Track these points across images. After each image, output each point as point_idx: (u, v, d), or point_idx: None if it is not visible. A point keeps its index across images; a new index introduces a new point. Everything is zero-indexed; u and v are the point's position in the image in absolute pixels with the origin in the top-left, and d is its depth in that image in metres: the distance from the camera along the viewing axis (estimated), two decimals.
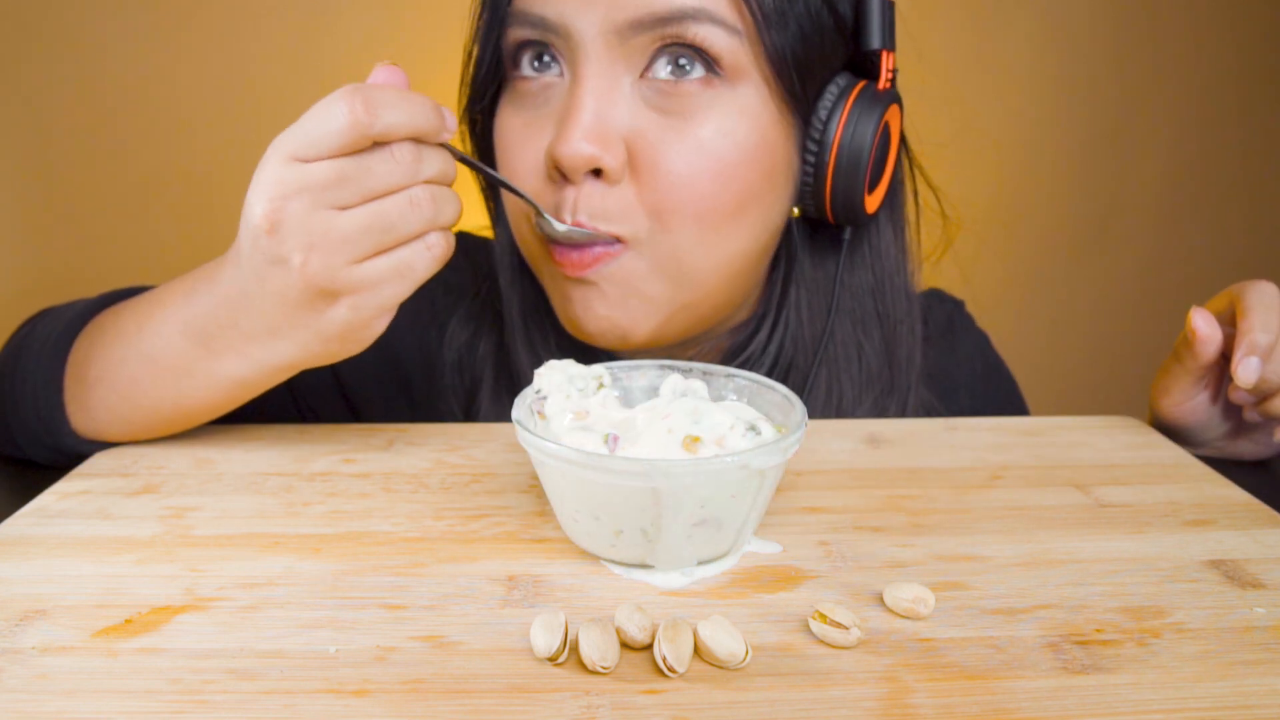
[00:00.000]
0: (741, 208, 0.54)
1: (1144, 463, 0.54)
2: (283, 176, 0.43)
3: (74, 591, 0.40)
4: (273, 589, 0.40)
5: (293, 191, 0.43)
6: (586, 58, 0.51)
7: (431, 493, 0.50)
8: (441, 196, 0.46)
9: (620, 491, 0.39)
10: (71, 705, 0.33)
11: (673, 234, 0.53)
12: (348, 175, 0.43)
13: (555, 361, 0.48)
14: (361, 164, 0.43)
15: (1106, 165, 1.67)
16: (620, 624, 0.36)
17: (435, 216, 0.45)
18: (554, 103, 0.54)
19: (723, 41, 0.50)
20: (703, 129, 0.52)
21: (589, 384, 0.47)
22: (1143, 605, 0.39)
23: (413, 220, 0.44)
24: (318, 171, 0.43)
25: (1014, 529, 0.46)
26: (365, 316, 0.46)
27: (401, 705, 0.33)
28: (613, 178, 0.52)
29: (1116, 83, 1.63)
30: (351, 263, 0.44)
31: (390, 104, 0.43)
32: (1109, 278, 1.75)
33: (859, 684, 0.34)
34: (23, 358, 0.57)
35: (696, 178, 0.52)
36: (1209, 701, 0.33)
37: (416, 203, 0.44)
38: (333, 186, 0.43)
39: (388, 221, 0.44)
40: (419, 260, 0.46)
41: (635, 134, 0.52)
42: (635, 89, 0.52)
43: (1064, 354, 1.76)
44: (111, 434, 0.55)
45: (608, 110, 0.51)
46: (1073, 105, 1.64)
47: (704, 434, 0.41)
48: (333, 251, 0.44)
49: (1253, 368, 0.53)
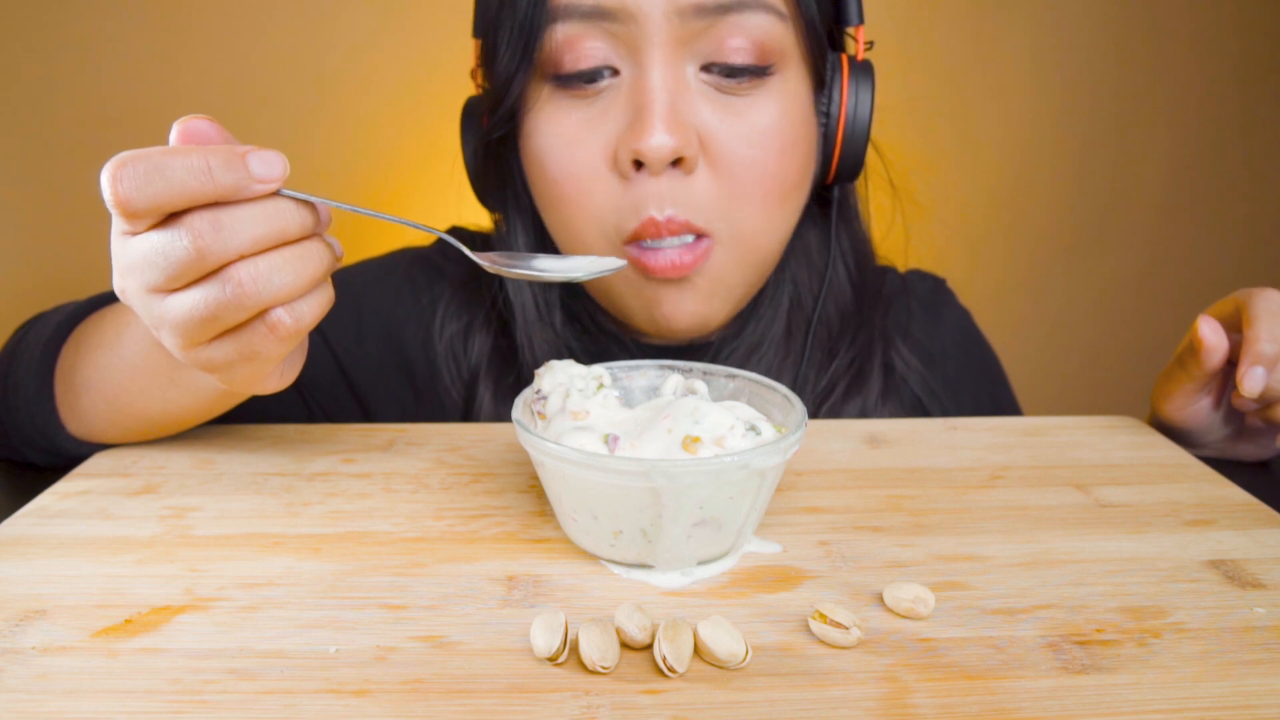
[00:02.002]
0: (797, 182, 0.58)
1: (1144, 463, 0.54)
2: (116, 251, 0.39)
3: (74, 591, 0.40)
4: (273, 589, 0.40)
5: (124, 269, 0.39)
6: (651, 43, 0.52)
7: (431, 493, 0.50)
8: (272, 267, 0.38)
9: (620, 491, 0.39)
10: (71, 705, 0.33)
11: (745, 219, 0.56)
12: (152, 255, 0.37)
13: (555, 362, 0.48)
14: (161, 241, 0.37)
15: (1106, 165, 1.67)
16: (620, 624, 0.36)
17: (260, 294, 0.37)
18: (609, 100, 0.54)
19: (776, 30, 0.53)
20: (762, 114, 0.54)
21: (589, 384, 0.47)
22: (1143, 605, 0.39)
23: (233, 307, 0.38)
24: (134, 250, 0.38)
25: (1014, 529, 0.46)
26: (233, 384, 0.43)
27: (401, 705, 0.33)
28: (691, 166, 0.53)
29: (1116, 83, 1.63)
30: (192, 346, 0.40)
31: (146, 174, 0.35)
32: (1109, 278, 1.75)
33: (859, 684, 0.34)
34: (16, 364, 0.56)
35: (764, 160, 0.54)
36: (1209, 701, 0.33)
37: (235, 283, 0.37)
38: (146, 268, 0.38)
39: (208, 311, 0.38)
40: (260, 344, 0.39)
41: (703, 123, 0.53)
42: (698, 79, 0.53)
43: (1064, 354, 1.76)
44: (105, 437, 0.55)
45: (679, 101, 0.53)
46: (1073, 105, 1.64)
47: (704, 434, 0.41)
48: (171, 332, 0.39)
49: (1258, 378, 0.52)
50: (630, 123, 0.53)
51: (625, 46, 0.53)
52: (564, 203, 0.56)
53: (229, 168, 0.36)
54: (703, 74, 0.53)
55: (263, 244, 0.38)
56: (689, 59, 0.53)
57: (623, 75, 0.54)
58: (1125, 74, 1.63)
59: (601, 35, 0.52)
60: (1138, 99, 1.65)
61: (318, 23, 1.48)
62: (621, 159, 0.53)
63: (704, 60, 0.53)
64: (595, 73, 0.53)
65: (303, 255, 0.39)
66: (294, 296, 0.39)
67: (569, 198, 0.56)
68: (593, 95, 0.54)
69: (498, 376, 0.65)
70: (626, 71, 0.53)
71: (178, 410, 0.52)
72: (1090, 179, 1.68)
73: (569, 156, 0.55)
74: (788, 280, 0.65)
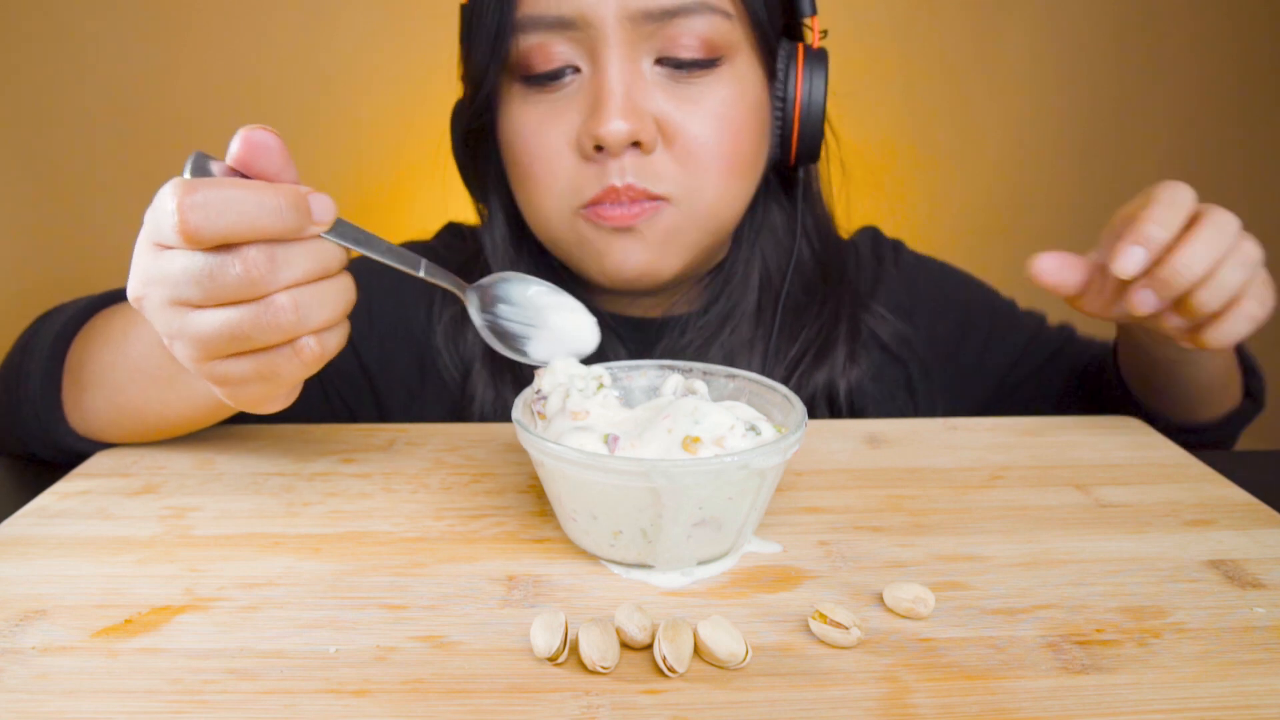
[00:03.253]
0: (752, 159, 0.63)
1: (1144, 463, 0.54)
2: (144, 261, 0.40)
3: (74, 591, 0.40)
4: (273, 589, 0.40)
5: (152, 279, 0.40)
6: (607, 44, 0.57)
7: (431, 493, 0.50)
8: (313, 299, 0.40)
9: (620, 491, 0.39)
10: (71, 705, 0.33)
11: (704, 189, 0.61)
12: (195, 275, 0.38)
13: (556, 362, 0.48)
14: (209, 265, 0.38)
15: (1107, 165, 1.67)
16: (620, 624, 0.36)
17: (300, 322, 0.40)
18: (570, 91, 0.59)
19: (722, 27, 0.58)
20: (713, 98, 0.59)
21: (589, 384, 0.47)
22: (1143, 605, 0.39)
23: (270, 330, 0.39)
24: (170, 265, 0.39)
25: (1014, 529, 0.46)
26: (239, 402, 0.44)
27: (401, 705, 0.33)
28: (649, 148, 0.58)
29: (1116, 82, 1.63)
30: (208, 360, 0.41)
31: (220, 208, 0.37)
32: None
33: (859, 684, 0.34)
34: (27, 355, 0.57)
35: (717, 140, 0.60)
36: (1209, 701, 0.33)
37: (276, 310, 0.39)
38: (182, 284, 0.39)
39: (240, 331, 0.39)
40: (284, 365, 0.41)
41: (659, 110, 0.59)
42: (653, 72, 0.58)
43: None
44: (106, 435, 0.55)
45: (635, 91, 0.58)
46: (1073, 105, 1.64)
47: (704, 434, 0.41)
48: (190, 345, 0.41)
49: (1133, 257, 0.49)
50: (591, 112, 0.58)
51: (585, 48, 0.58)
52: (531, 180, 0.62)
53: (296, 209, 0.39)
54: (657, 66, 0.58)
55: (308, 278, 0.40)
56: (644, 55, 0.58)
57: (584, 72, 0.59)
58: (1125, 73, 1.63)
59: (564, 40, 0.58)
60: (1137, 98, 1.65)
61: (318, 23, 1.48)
62: (584, 144, 0.58)
63: (657, 54, 0.58)
64: (559, 72, 0.59)
65: (338, 289, 0.42)
66: (326, 328, 0.41)
67: (536, 176, 0.61)
68: (557, 89, 0.59)
69: (492, 358, 0.68)
70: (587, 68, 0.59)
71: (173, 415, 0.53)
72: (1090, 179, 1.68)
73: (537, 142, 0.60)
74: (758, 257, 0.70)
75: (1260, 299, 0.52)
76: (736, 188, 0.62)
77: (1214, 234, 0.50)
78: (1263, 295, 0.52)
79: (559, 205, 0.61)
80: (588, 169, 0.59)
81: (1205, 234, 0.50)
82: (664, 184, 0.59)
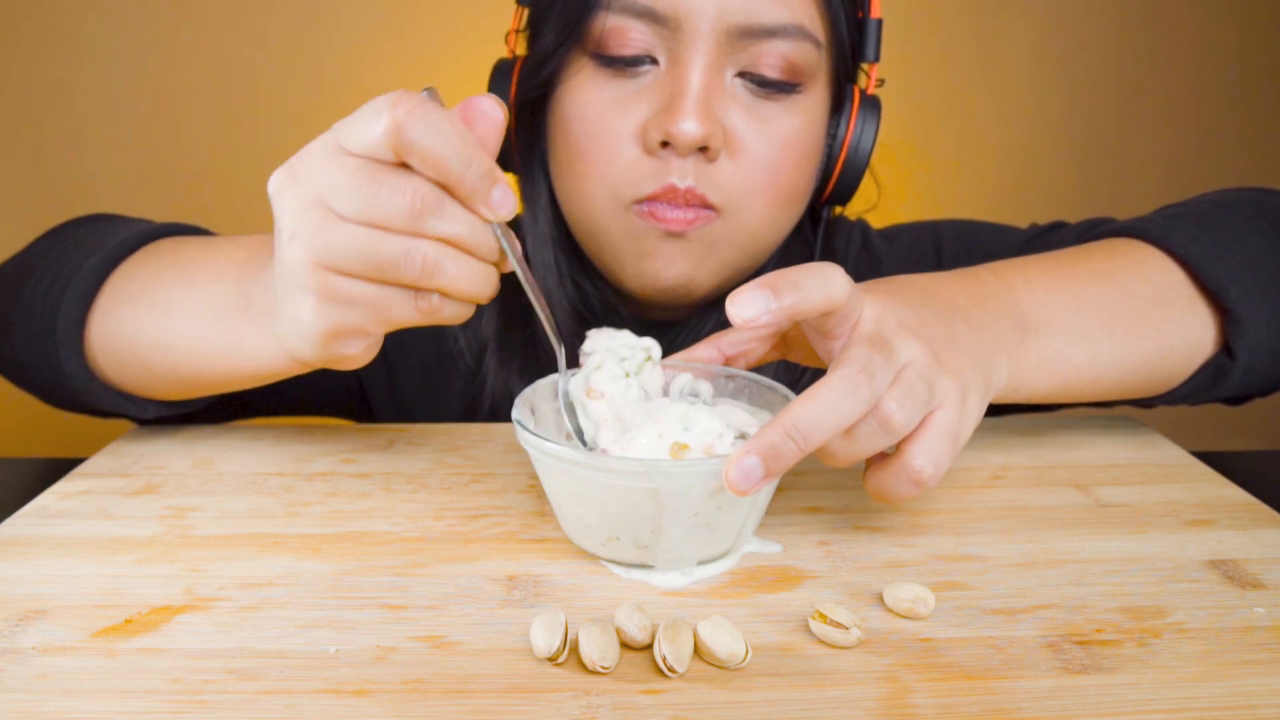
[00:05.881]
0: (803, 191, 0.63)
1: (1144, 463, 0.54)
2: (313, 159, 0.40)
3: (74, 591, 0.40)
4: (273, 589, 0.40)
5: (309, 176, 0.40)
6: (695, 48, 0.56)
7: (431, 493, 0.50)
8: (456, 266, 0.41)
9: (620, 492, 0.39)
10: (71, 705, 0.33)
11: (753, 210, 0.60)
12: (353, 186, 0.39)
13: (607, 329, 0.47)
14: (373, 182, 0.39)
15: (1106, 165, 1.67)
16: (620, 624, 0.36)
17: (436, 275, 0.40)
18: (645, 81, 0.58)
19: (811, 55, 0.58)
20: (786, 125, 0.59)
21: (636, 354, 0.46)
22: (1143, 605, 0.39)
23: (407, 267, 0.40)
24: (340, 169, 0.39)
25: (1014, 529, 0.46)
26: (327, 327, 0.42)
27: (401, 705, 0.33)
28: (713, 155, 0.57)
29: (1116, 82, 1.63)
30: (329, 270, 0.41)
31: (435, 131, 0.38)
32: None
33: (859, 684, 0.34)
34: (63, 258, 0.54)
35: (778, 165, 0.59)
36: (1209, 701, 0.33)
37: (423, 252, 0.40)
38: (341, 189, 0.39)
39: (378, 258, 0.40)
40: (399, 309, 0.41)
41: (731, 122, 0.58)
42: (733, 83, 0.58)
43: None
44: (114, 368, 0.53)
45: (713, 97, 0.57)
46: (1073, 105, 1.64)
47: (692, 441, 0.41)
48: (317, 250, 0.40)
49: (750, 303, 0.38)
50: (664, 106, 0.56)
51: (669, 45, 0.57)
52: (585, 163, 0.60)
53: (484, 179, 0.40)
54: (737, 79, 0.58)
55: (460, 243, 0.41)
56: (728, 65, 0.57)
57: (661, 65, 0.58)
58: (1125, 73, 1.63)
59: (648, 29, 0.56)
60: (1138, 97, 1.65)
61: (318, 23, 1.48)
62: (650, 137, 0.57)
63: (740, 68, 0.57)
64: (638, 59, 0.57)
65: (481, 275, 0.42)
66: (454, 297, 0.42)
67: (591, 159, 0.59)
68: (632, 76, 0.58)
69: (503, 344, 0.68)
70: (665, 62, 0.58)
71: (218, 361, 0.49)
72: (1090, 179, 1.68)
73: (600, 125, 0.58)
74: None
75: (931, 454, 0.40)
76: (781, 215, 0.62)
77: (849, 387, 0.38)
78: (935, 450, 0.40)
79: (611, 195, 0.60)
80: (648, 163, 0.58)
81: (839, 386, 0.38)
82: (720, 194, 0.58)
